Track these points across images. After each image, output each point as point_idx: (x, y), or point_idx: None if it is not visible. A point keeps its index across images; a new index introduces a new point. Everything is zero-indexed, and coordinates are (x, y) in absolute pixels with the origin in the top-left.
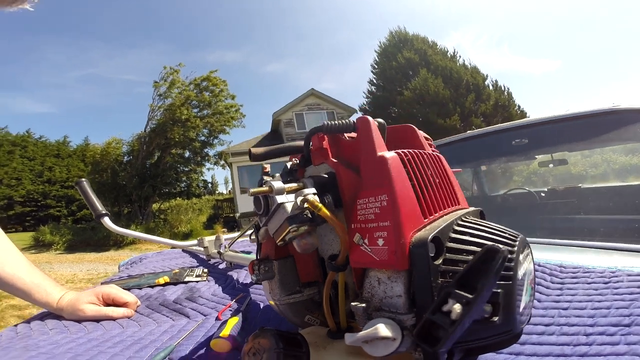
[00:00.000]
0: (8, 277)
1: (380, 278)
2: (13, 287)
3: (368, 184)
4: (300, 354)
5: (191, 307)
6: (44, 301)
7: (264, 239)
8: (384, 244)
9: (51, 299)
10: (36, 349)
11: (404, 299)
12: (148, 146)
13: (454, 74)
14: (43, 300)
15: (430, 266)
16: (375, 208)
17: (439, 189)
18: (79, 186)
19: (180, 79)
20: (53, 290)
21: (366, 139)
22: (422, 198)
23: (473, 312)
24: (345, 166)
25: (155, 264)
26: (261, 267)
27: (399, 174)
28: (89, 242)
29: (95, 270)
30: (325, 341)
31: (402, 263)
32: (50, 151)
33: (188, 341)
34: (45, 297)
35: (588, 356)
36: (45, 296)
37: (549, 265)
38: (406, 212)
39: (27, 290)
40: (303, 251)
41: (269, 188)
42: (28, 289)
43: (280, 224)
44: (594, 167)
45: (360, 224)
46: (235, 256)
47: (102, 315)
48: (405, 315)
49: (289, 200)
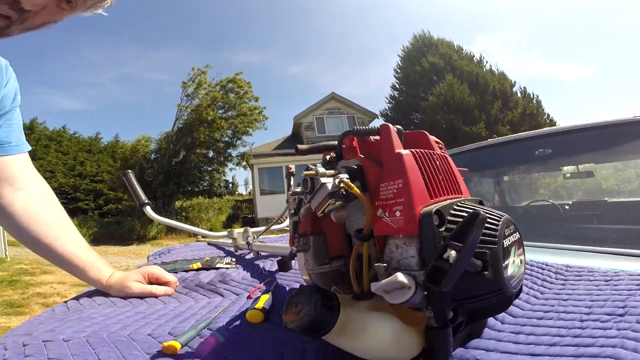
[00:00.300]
0: (69, 254)
1: (397, 244)
2: (71, 264)
3: (388, 173)
4: (333, 306)
5: (224, 288)
6: (96, 278)
7: (304, 216)
8: (400, 215)
9: (102, 277)
10: (89, 320)
11: (417, 259)
12: (175, 145)
13: (480, 80)
14: (95, 277)
15: (434, 232)
16: (393, 189)
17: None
18: (125, 177)
19: (207, 80)
20: (105, 269)
21: (387, 140)
22: (430, 184)
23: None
24: (371, 160)
25: (185, 254)
26: (300, 240)
27: (411, 166)
28: (114, 236)
29: (118, 263)
30: (350, 302)
31: (414, 229)
32: (83, 146)
33: (224, 315)
34: (98, 274)
35: (581, 337)
36: (97, 274)
37: (556, 265)
38: (417, 192)
39: (82, 268)
40: (337, 221)
41: (315, 172)
42: (84, 266)
43: (322, 199)
44: (627, 182)
45: (382, 202)
46: (264, 246)
47: (147, 292)
48: (418, 271)
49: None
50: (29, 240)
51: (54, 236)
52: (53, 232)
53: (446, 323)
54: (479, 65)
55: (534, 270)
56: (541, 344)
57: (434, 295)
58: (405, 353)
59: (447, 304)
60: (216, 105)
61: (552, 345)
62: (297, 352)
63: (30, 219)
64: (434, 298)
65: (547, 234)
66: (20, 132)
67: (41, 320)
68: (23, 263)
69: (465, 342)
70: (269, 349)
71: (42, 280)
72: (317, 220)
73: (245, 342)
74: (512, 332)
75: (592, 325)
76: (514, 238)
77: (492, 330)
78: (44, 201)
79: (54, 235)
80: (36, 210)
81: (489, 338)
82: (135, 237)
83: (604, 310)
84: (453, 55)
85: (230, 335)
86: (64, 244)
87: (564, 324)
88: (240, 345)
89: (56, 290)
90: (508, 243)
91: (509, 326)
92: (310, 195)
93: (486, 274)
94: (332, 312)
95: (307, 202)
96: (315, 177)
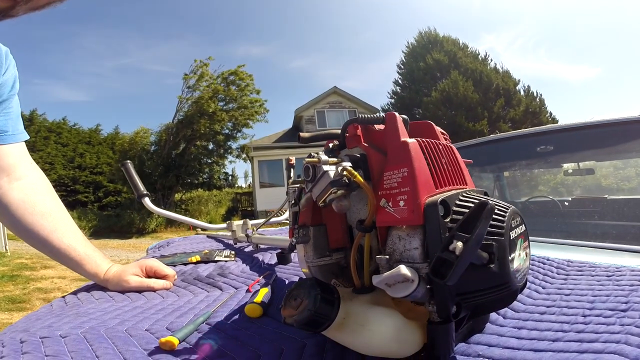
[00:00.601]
0: (65, 247)
1: (400, 235)
2: (68, 257)
3: (392, 161)
4: (333, 299)
5: (223, 282)
6: (93, 272)
7: (304, 207)
8: (404, 205)
9: (99, 270)
10: (87, 315)
11: (420, 251)
12: (175, 137)
13: (484, 78)
14: (92, 271)
15: (440, 223)
16: (398, 178)
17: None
18: (124, 167)
19: (209, 72)
20: (102, 262)
21: (392, 129)
22: (435, 174)
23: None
24: (374, 149)
25: (184, 247)
26: (300, 232)
27: (417, 154)
28: (113, 229)
29: (117, 257)
30: (351, 295)
31: (418, 219)
32: (83, 138)
33: (223, 309)
34: (95, 268)
35: (584, 333)
36: (94, 267)
37: (557, 260)
38: (422, 181)
39: (79, 261)
40: (339, 211)
41: (318, 159)
42: (81, 259)
43: (323, 187)
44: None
45: (386, 191)
46: (263, 238)
47: (145, 286)
48: (421, 264)
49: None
50: (25, 232)
51: (51, 228)
52: (50, 224)
53: (449, 318)
54: (483, 63)
55: (535, 265)
56: (544, 339)
57: (438, 289)
58: (406, 348)
59: (451, 298)
60: (217, 97)
61: (555, 340)
62: (297, 346)
63: (26, 210)
64: (438, 292)
65: (548, 229)
66: (17, 121)
67: (39, 316)
68: (23, 258)
69: (467, 337)
70: (268, 344)
71: (42, 275)
72: (317, 211)
73: (244, 337)
74: (514, 327)
75: (595, 321)
76: (520, 230)
77: (494, 325)
78: (41, 192)
79: (50, 227)
80: (32, 201)
81: (491, 333)
82: (134, 230)
83: (607, 306)
84: (458, 53)
85: (228, 330)
86: (60, 236)
87: (566, 319)
88: (238, 341)
89: (57, 285)
90: (514, 235)
91: (511, 321)
92: (311, 184)
93: (492, 267)
94: (332, 307)
95: (308, 191)
96: (317, 164)
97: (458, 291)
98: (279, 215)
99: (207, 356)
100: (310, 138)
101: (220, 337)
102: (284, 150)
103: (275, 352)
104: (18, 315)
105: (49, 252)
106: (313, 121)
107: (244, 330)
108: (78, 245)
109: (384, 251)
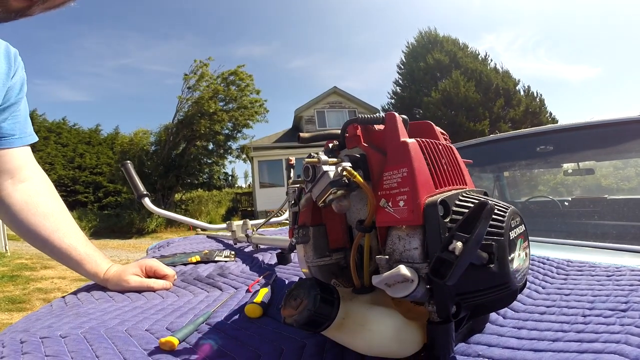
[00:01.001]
0: (66, 247)
1: (400, 235)
2: (68, 257)
3: (392, 161)
4: (333, 299)
5: (223, 282)
6: (93, 272)
7: (304, 207)
8: (404, 205)
9: (99, 270)
10: (86, 316)
11: (420, 251)
12: (175, 137)
13: (484, 78)
14: (92, 270)
15: (439, 223)
16: (397, 178)
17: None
18: (124, 167)
19: (209, 72)
20: (102, 262)
21: (392, 129)
22: (435, 174)
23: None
24: (374, 150)
25: (184, 247)
26: (300, 232)
27: (417, 154)
28: (113, 229)
29: (117, 257)
30: (351, 295)
31: (418, 219)
32: (83, 138)
33: (223, 309)
34: (95, 267)
35: (584, 333)
36: (94, 267)
37: (557, 260)
38: (421, 181)
39: (79, 261)
40: (339, 211)
41: (318, 159)
42: (81, 259)
43: (323, 187)
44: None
45: (385, 191)
46: (263, 238)
47: (145, 285)
48: (421, 264)
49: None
50: (27, 232)
51: (52, 229)
52: (51, 225)
53: (449, 318)
54: (483, 63)
55: (535, 265)
56: (544, 339)
57: (437, 289)
58: (406, 348)
59: (451, 298)
60: (217, 97)
61: (555, 340)
62: (297, 346)
63: (29, 211)
64: (437, 292)
65: (548, 229)
66: (24, 124)
67: (39, 316)
68: (23, 258)
69: (467, 337)
70: (268, 344)
71: (42, 275)
72: (317, 211)
73: (244, 337)
74: (514, 327)
75: (595, 321)
76: (520, 230)
77: (494, 325)
78: (43, 193)
79: (52, 227)
80: (35, 203)
81: (491, 333)
82: (134, 230)
83: (607, 306)
84: (458, 53)
85: (228, 330)
86: (61, 236)
87: (566, 319)
88: (238, 341)
89: (57, 285)
90: (514, 235)
91: (511, 321)
92: (311, 184)
93: (492, 267)
94: (332, 307)
95: (307, 191)
96: (317, 164)
97: (458, 291)
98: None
99: (207, 356)
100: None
101: (220, 337)
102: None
103: (275, 352)
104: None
105: (50, 252)
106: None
107: (244, 330)
108: (79, 245)
109: (384, 251)
